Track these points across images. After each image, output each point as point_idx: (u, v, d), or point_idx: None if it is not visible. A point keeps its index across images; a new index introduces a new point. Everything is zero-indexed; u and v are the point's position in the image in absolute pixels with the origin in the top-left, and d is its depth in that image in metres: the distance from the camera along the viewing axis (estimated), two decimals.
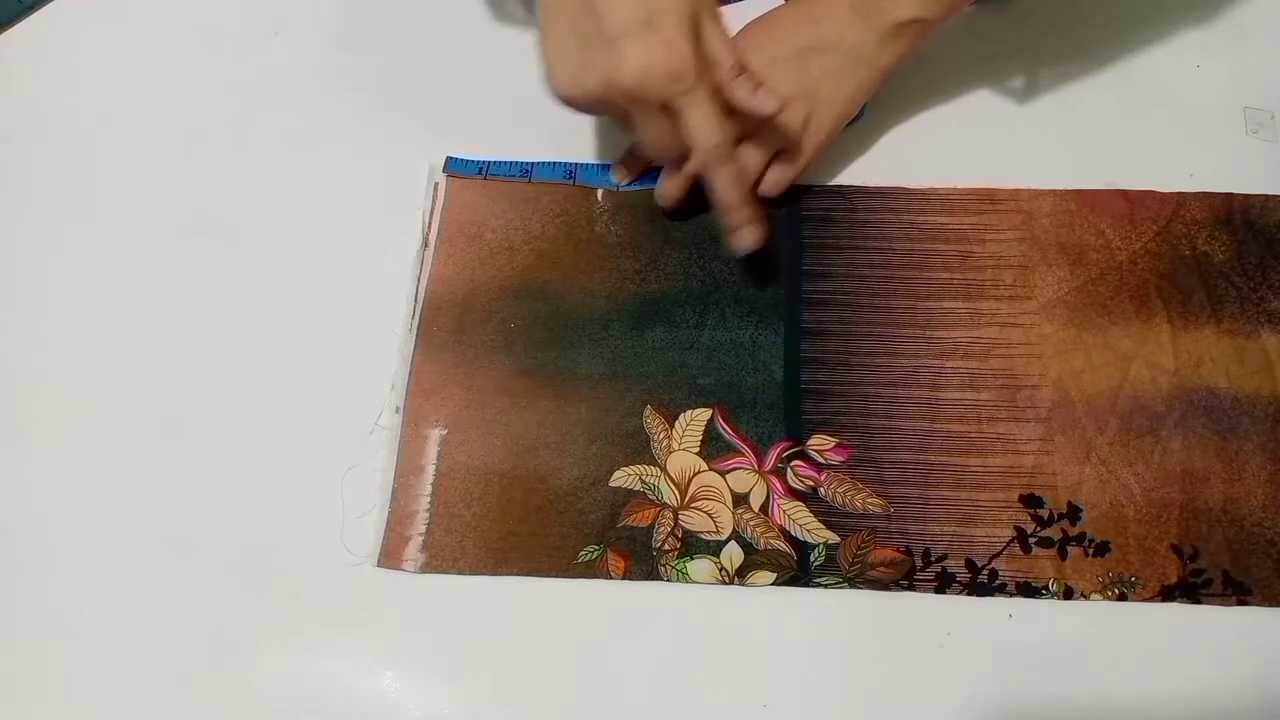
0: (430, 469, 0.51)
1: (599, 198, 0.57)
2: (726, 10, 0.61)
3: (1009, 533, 0.49)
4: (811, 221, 0.56)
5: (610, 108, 0.48)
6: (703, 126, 0.47)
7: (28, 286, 0.56)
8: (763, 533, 0.49)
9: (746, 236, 0.52)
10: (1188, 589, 0.48)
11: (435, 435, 0.52)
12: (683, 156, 0.51)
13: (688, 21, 0.46)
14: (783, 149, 0.53)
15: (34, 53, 0.63)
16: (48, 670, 0.48)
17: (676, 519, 0.50)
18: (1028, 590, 0.48)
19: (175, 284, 0.56)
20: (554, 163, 0.58)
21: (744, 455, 0.51)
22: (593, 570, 0.49)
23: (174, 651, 0.48)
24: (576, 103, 0.48)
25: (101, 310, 0.55)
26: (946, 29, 0.52)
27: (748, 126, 0.52)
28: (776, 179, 0.54)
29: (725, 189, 0.50)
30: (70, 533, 0.50)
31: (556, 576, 0.49)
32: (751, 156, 0.53)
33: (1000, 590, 0.48)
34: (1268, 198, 0.55)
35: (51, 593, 0.49)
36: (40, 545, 0.50)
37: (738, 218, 0.51)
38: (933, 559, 0.48)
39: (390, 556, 0.49)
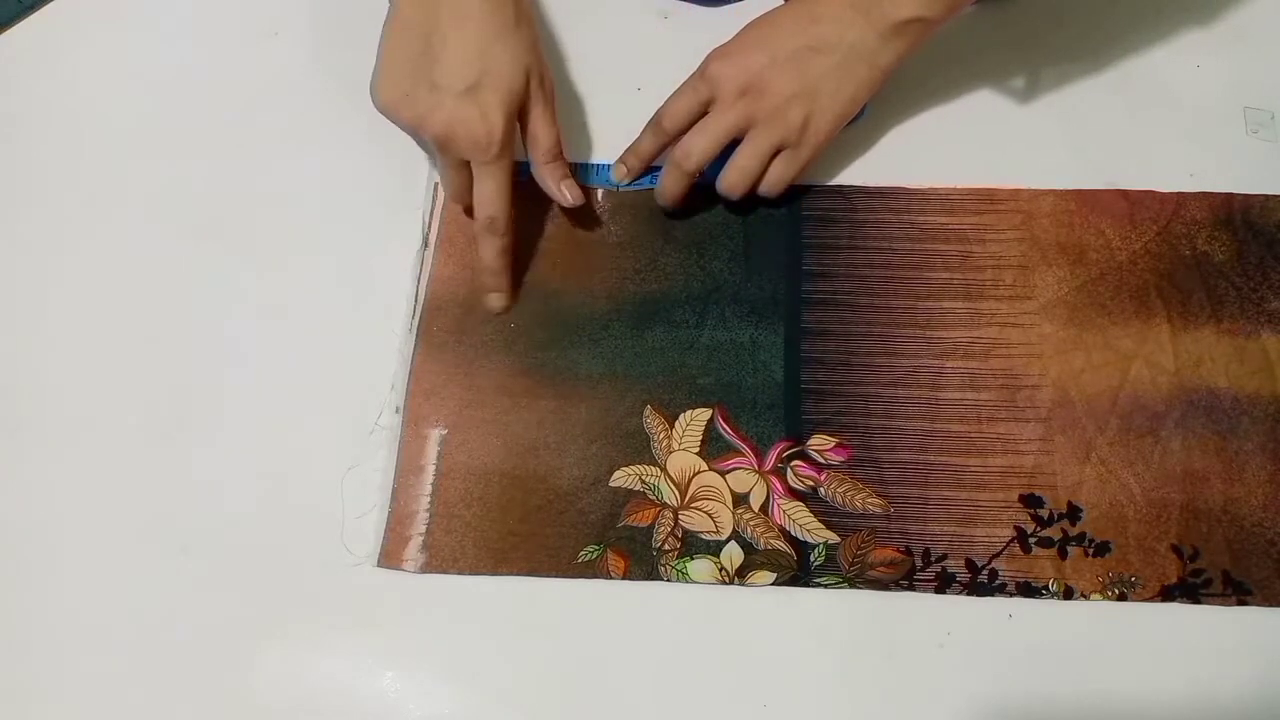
0: (430, 469, 0.51)
1: (599, 198, 0.57)
2: (726, 11, 0.61)
3: (1009, 533, 0.49)
4: (811, 221, 0.56)
5: (419, 139, 0.52)
6: (488, 197, 0.51)
7: (28, 286, 0.56)
8: (763, 533, 0.49)
9: (492, 301, 0.54)
10: (1188, 589, 0.48)
11: (435, 435, 0.52)
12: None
13: (513, 100, 0.49)
14: (783, 148, 0.53)
15: (34, 53, 0.63)
16: (48, 670, 0.48)
17: (676, 519, 0.50)
18: (1028, 590, 0.48)
19: (175, 284, 0.56)
20: None
21: (744, 455, 0.51)
22: (593, 570, 0.49)
23: (175, 651, 0.48)
24: (391, 119, 0.50)
25: (101, 310, 0.55)
26: (947, 29, 0.52)
27: (746, 125, 0.52)
28: (776, 178, 0.54)
29: (488, 256, 0.52)
30: (70, 533, 0.50)
31: (556, 576, 0.49)
32: (751, 156, 0.53)
33: (1000, 590, 0.48)
34: (1268, 198, 0.55)
35: (52, 593, 0.49)
36: (40, 545, 0.50)
37: (490, 283, 0.54)
38: (933, 559, 0.48)
39: (390, 556, 0.49)
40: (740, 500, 0.50)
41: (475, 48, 0.49)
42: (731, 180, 0.53)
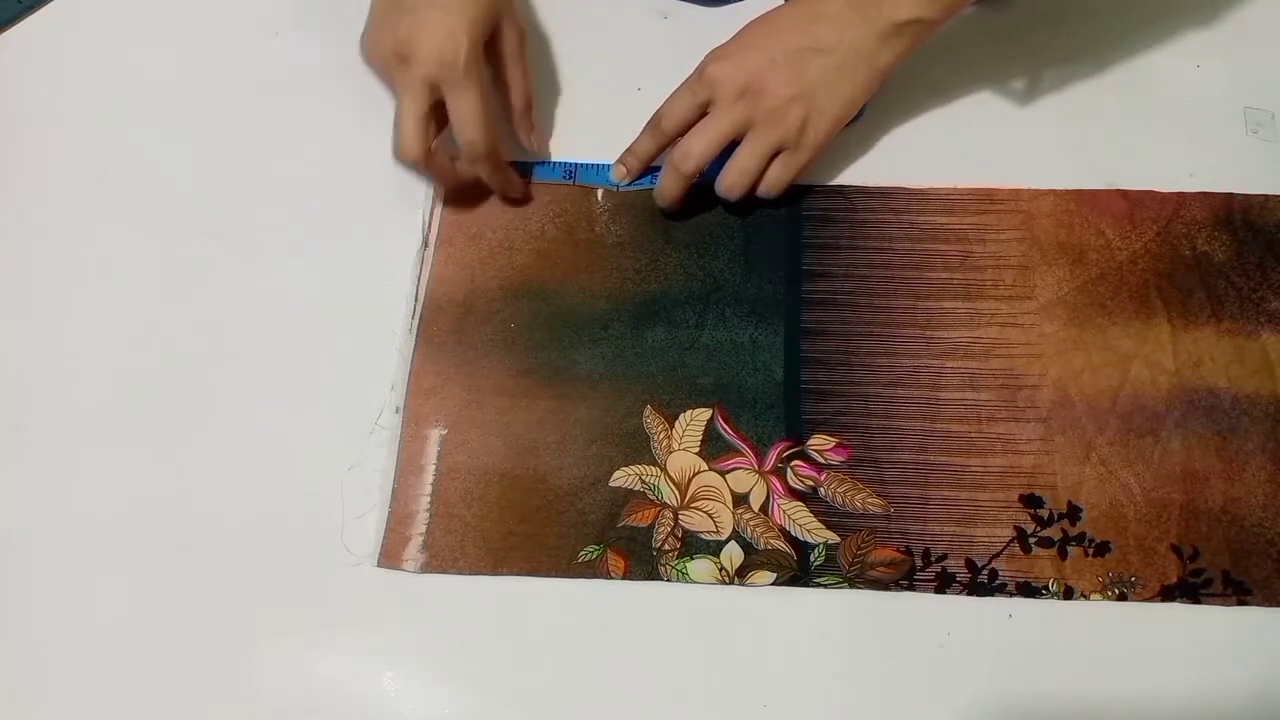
0: (430, 469, 0.51)
1: (599, 198, 0.57)
2: (726, 11, 0.61)
3: (1009, 533, 0.49)
4: (811, 221, 0.56)
5: (394, 73, 0.51)
6: (462, 119, 0.51)
7: (28, 286, 0.56)
8: (763, 533, 0.49)
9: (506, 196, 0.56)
10: (1188, 589, 0.48)
11: (435, 435, 0.52)
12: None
13: (480, 25, 0.51)
14: (782, 149, 0.53)
15: (34, 53, 0.63)
16: (48, 670, 0.48)
17: (676, 519, 0.50)
18: (1028, 590, 0.48)
19: (175, 284, 0.56)
20: (554, 163, 0.58)
21: (744, 455, 0.51)
22: (593, 570, 0.49)
23: (174, 651, 0.48)
24: (375, 63, 0.53)
25: (101, 310, 0.55)
26: (947, 29, 0.52)
27: (745, 126, 0.52)
28: (775, 179, 0.53)
29: (485, 180, 0.55)
30: (71, 534, 0.50)
31: (556, 576, 0.49)
32: (750, 157, 0.53)
33: (1000, 590, 0.48)
34: (1268, 198, 0.55)
35: (52, 594, 0.49)
36: (41, 546, 0.50)
37: (506, 196, 0.56)
38: (933, 559, 0.48)
39: (390, 556, 0.49)
40: (740, 500, 0.50)
41: None
42: (731, 181, 0.53)
